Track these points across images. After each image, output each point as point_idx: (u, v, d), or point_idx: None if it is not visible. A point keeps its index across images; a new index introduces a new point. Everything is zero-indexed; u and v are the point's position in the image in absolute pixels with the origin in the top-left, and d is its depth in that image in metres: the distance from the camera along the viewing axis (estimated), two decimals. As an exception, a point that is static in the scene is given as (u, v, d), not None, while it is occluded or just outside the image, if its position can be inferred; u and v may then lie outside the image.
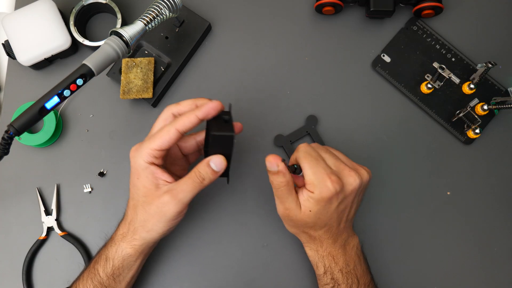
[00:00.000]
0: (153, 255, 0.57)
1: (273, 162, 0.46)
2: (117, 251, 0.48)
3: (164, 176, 0.45)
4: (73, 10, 0.60)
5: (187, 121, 0.44)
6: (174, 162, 0.51)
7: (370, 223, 0.58)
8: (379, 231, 0.58)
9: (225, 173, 0.46)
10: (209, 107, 0.44)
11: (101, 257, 0.49)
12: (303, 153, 0.47)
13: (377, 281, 0.53)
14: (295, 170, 0.49)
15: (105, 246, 0.50)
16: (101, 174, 0.60)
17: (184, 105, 0.47)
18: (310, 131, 0.60)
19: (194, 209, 0.58)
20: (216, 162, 0.45)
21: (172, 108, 0.47)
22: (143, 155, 0.45)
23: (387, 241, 0.58)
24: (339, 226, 0.49)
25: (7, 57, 0.63)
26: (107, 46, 0.48)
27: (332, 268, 0.49)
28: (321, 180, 0.45)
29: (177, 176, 0.48)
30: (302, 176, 0.48)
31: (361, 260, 0.51)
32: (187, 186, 0.44)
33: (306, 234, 0.50)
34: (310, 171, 0.46)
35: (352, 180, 0.47)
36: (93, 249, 0.58)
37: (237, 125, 0.48)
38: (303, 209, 0.47)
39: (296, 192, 0.48)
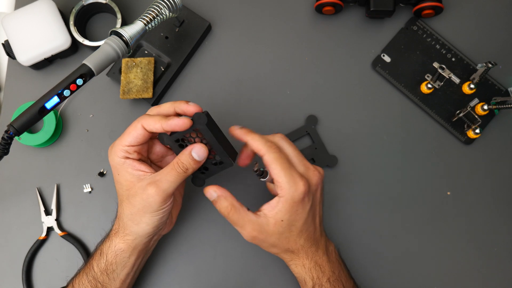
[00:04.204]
0: (153, 255, 0.57)
1: (210, 191, 0.46)
2: (110, 246, 0.48)
3: (142, 167, 0.46)
4: (73, 10, 0.60)
5: (152, 123, 0.45)
6: (161, 159, 0.51)
7: (369, 223, 0.58)
8: (378, 231, 0.58)
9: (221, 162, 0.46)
10: (174, 124, 0.44)
11: (96, 252, 0.49)
12: (275, 155, 0.45)
13: (377, 282, 0.53)
14: (263, 173, 0.47)
15: (101, 241, 0.50)
16: (101, 174, 0.60)
17: (164, 108, 0.47)
18: (310, 131, 0.60)
19: (194, 209, 0.58)
20: (198, 151, 0.45)
21: (153, 110, 0.48)
22: (117, 151, 0.46)
23: (386, 241, 0.58)
24: (315, 230, 0.48)
25: (7, 57, 0.63)
26: (107, 46, 0.48)
27: (320, 278, 0.48)
28: (293, 183, 0.45)
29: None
30: (268, 179, 0.48)
31: (341, 265, 0.50)
32: (171, 177, 0.45)
33: (289, 251, 0.48)
34: (282, 173, 0.45)
35: (316, 177, 0.47)
36: (93, 249, 0.57)
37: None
38: (275, 221, 0.46)
39: (258, 211, 0.47)
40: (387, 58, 0.62)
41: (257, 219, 0.46)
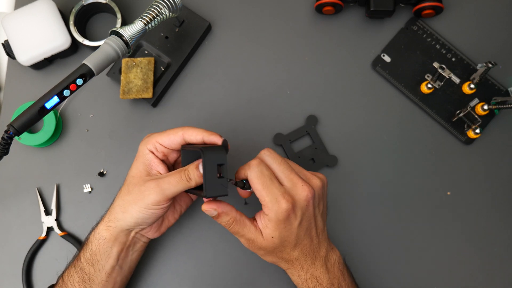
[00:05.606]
0: (153, 255, 0.57)
1: (209, 209, 0.45)
2: (94, 234, 0.49)
3: (159, 167, 0.48)
4: (73, 10, 0.60)
5: (193, 135, 0.47)
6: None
7: (370, 223, 0.58)
8: (378, 231, 0.58)
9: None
10: (215, 140, 0.46)
11: (85, 242, 0.50)
12: (256, 173, 0.44)
13: (377, 282, 0.53)
14: (244, 185, 0.46)
15: (90, 232, 0.50)
16: (101, 174, 0.60)
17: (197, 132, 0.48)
18: (310, 131, 0.60)
19: (194, 209, 0.58)
20: None
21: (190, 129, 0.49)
22: (148, 143, 0.49)
23: (386, 241, 0.58)
24: (312, 242, 0.47)
25: (7, 57, 0.63)
26: (107, 46, 0.48)
27: None
28: (275, 202, 0.44)
29: None
30: (251, 191, 0.47)
31: (345, 275, 0.49)
32: (174, 180, 0.45)
33: (283, 260, 0.48)
34: (263, 193, 0.44)
35: (305, 193, 0.45)
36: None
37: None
38: (265, 236, 0.46)
39: (254, 219, 0.47)
40: (387, 58, 0.62)
41: (253, 230, 0.46)
